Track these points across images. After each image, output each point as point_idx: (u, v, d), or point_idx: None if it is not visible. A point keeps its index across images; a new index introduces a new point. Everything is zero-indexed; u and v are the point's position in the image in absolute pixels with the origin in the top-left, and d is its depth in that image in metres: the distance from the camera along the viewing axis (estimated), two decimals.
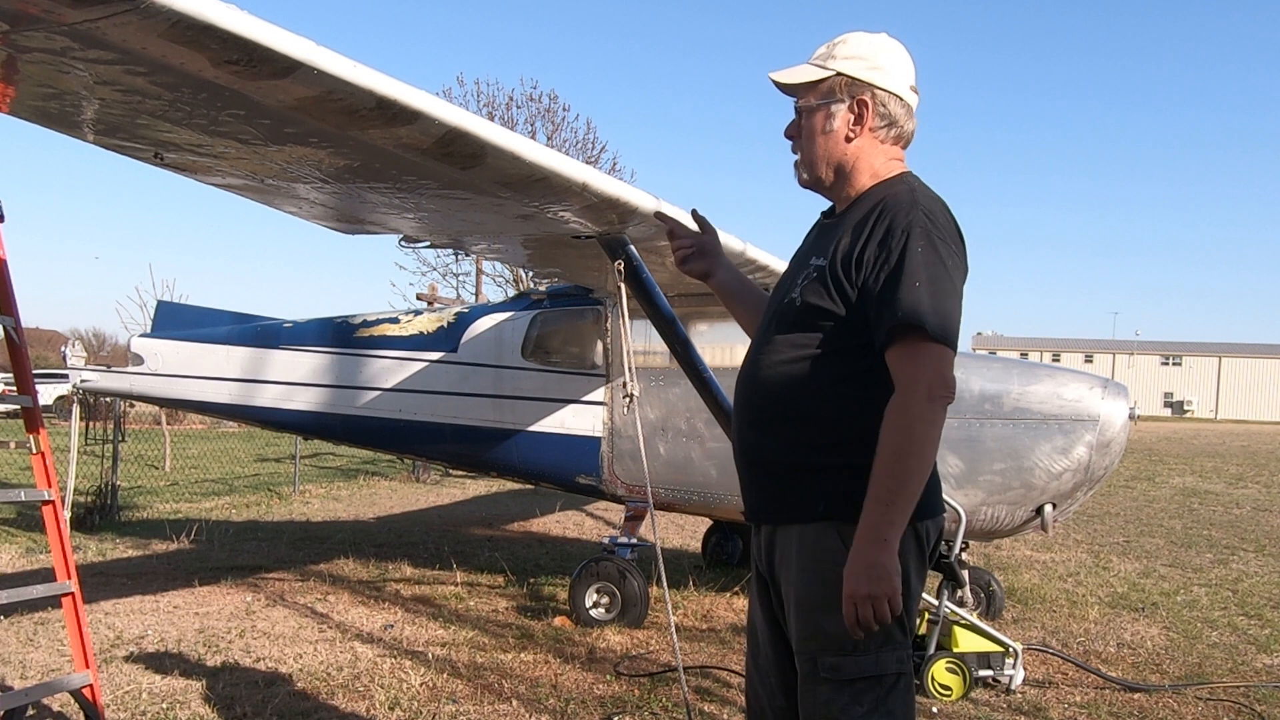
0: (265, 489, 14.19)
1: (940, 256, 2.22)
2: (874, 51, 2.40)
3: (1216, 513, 13.39)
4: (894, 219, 2.26)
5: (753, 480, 2.47)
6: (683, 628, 6.30)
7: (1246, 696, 5.15)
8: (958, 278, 2.26)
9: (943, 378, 2.17)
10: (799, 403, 2.34)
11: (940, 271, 2.21)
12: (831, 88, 2.39)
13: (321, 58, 2.93)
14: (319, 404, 7.85)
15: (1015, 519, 6.28)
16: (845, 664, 2.24)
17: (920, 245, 2.20)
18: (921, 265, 2.19)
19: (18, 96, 3.21)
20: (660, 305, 5.26)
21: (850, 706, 2.24)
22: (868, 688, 2.24)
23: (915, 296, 2.16)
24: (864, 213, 2.34)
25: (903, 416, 2.15)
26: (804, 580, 2.31)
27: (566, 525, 11.29)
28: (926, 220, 2.24)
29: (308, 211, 4.98)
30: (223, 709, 4.62)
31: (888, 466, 2.14)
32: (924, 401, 2.15)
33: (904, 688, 2.29)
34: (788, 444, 2.36)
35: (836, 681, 2.25)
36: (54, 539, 4.12)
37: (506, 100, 22.89)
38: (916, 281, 2.17)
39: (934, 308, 2.16)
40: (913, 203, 2.28)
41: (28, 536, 9.29)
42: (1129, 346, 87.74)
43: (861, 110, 2.39)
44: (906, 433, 2.14)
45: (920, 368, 2.16)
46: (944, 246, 2.24)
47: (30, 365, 4.24)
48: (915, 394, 2.15)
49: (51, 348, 40.31)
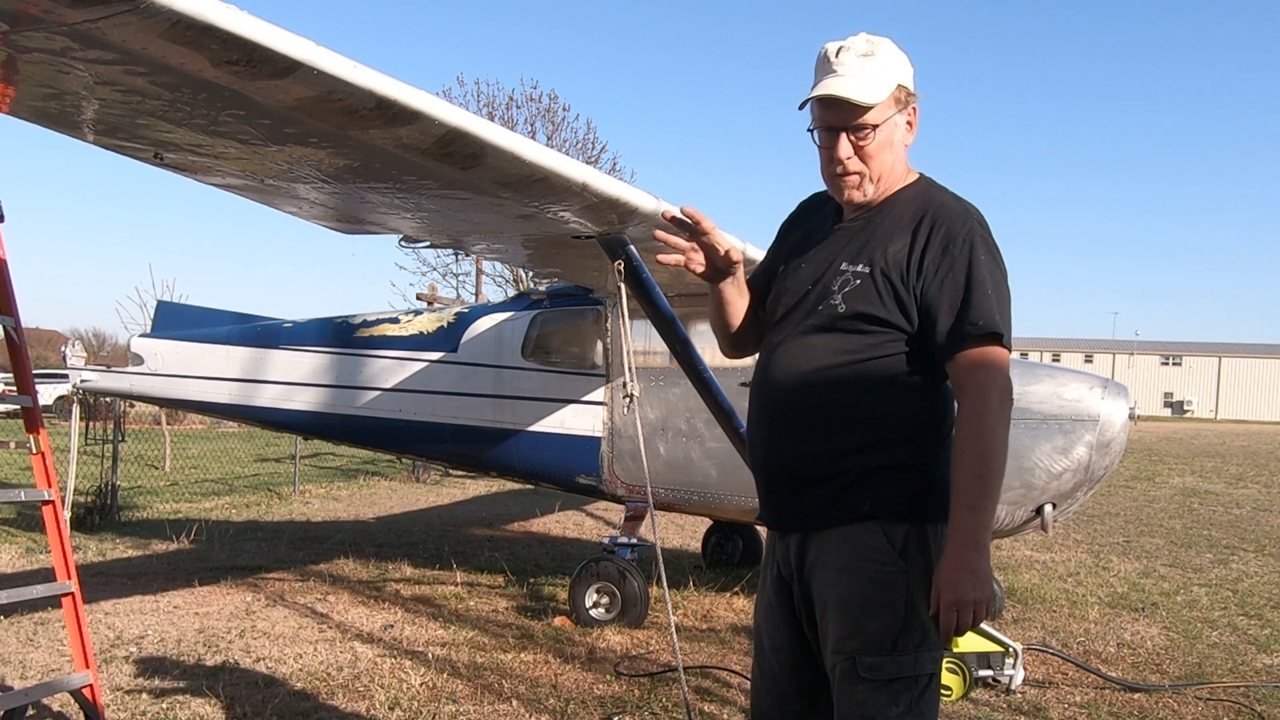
0: (265, 489, 14.19)
1: (999, 265, 2.32)
2: (905, 60, 2.41)
3: (1216, 513, 13.39)
4: (950, 227, 2.30)
5: (785, 488, 2.42)
6: (683, 628, 6.30)
7: (1246, 696, 5.15)
8: (1008, 285, 2.34)
9: (1010, 382, 2.26)
10: (847, 406, 2.33)
11: (1002, 280, 2.30)
12: (897, 100, 2.39)
13: (321, 58, 2.93)
14: (319, 404, 7.85)
15: (1015, 519, 6.28)
16: (885, 664, 2.24)
17: (984, 255, 2.28)
18: (988, 274, 2.27)
19: (18, 96, 3.21)
20: (660, 305, 5.26)
21: (887, 707, 2.24)
22: (905, 688, 2.25)
23: (989, 305, 2.24)
24: (906, 217, 2.35)
25: (982, 422, 2.19)
26: (843, 580, 2.30)
27: (566, 525, 11.29)
28: (982, 229, 2.33)
29: (308, 211, 4.98)
30: (223, 709, 4.62)
31: (973, 472, 2.18)
32: (999, 407, 2.22)
33: (935, 688, 2.32)
34: (838, 448, 2.33)
35: (875, 681, 2.25)
36: (54, 539, 4.12)
37: (506, 100, 22.94)
38: (988, 289, 2.25)
39: (1003, 315, 2.26)
40: (965, 211, 2.35)
41: (28, 536, 9.29)
42: (1129, 346, 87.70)
43: (913, 119, 2.45)
44: (988, 438, 2.19)
45: (994, 374, 2.23)
46: (998, 254, 2.33)
47: (30, 365, 4.24)
48: (990, 399, 2.21)
49: (51, 348, 40.30)
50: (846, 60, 2.34)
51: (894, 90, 2.37)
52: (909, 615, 2.25)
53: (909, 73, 2.41)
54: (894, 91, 2.37)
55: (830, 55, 2.36)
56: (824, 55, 2.38)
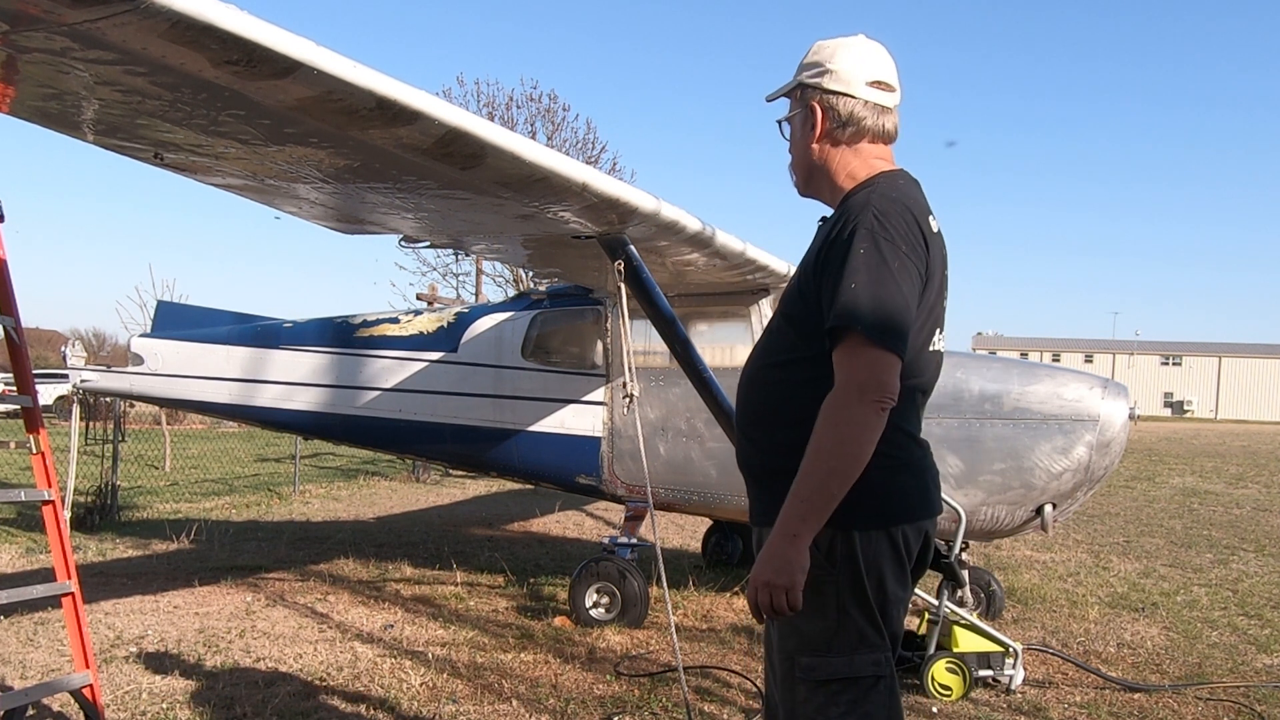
0: (265, 489, 14.19)
1: (884, 257, 2.17)
2: (826, 56, 2.43)
3: (1216, 513, 13.39)
4: (846, 223, 2.27)
5: (746, 482, 2.53)
6: (683, 628, 6.30)
7: (1246, 696, 5.15)
8: (904, 279, 2.19)
9: (877, 380, 2.13)
10: (771, 407, 2.39)
11: (883, 273, 2.16)
12: (794, 98, 2.48)
13: (321, 58, 2.93)
14: (319, 404, 7.85)
15: (1015, 519, 6.28)
16: (819, 665, 2.27)
17: (863, 246, 2.19)
18: (862, 266, 2.17)
19: (18, 96, 3.21)
20: (660, 305, 5.26)
21: (826, 707, 2.26)
22: (843, 689, 2.26)
23: (851, 297, 2.15)
24: (834, 218, 2.38)
25: (830, 415, 2.14)
26: None
27: (566, 525, 11.29)
28: (875, 221, 2.21)
29: (308, 211, 4.98)
30: (223, 709, 4.62)
31: (809, 464, 2.15)
32: (855, 403, 2.12)
33: (884, 690, 2.30)
34: (764, 447, 2.41)
35: (811, 681, 2.28)
36: (54, 539, 4.12)
37: (506, 100, 22.93)
38: (853, 283, 2.16)
39: (872, 309, 2.13)
40: (865, 204, 2.27)
41: (28, 536, 9.29)
42: (1129, 346, 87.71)
43: (810, 116, 2.44)
44: (832, 432, 2.13)
45: (854, 369, 2.15)
46: (889, 246, 2.19)
47: (30, 365, 4.24)
48: (846, 394, 2.14)
49: (51, 348, 40.31)
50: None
51: (793, 88, 2.46)
52: (841, 618, 2.26)
53: (817, 69, 2.42)
54: (793, 90, 2.46)
55: None
56: None
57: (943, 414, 6.09)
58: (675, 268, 6.19)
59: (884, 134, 2.46)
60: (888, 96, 2.45)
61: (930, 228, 2.34)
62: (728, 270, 6.26)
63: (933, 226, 2.36)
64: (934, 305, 2.35)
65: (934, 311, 2.36)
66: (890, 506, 2.29)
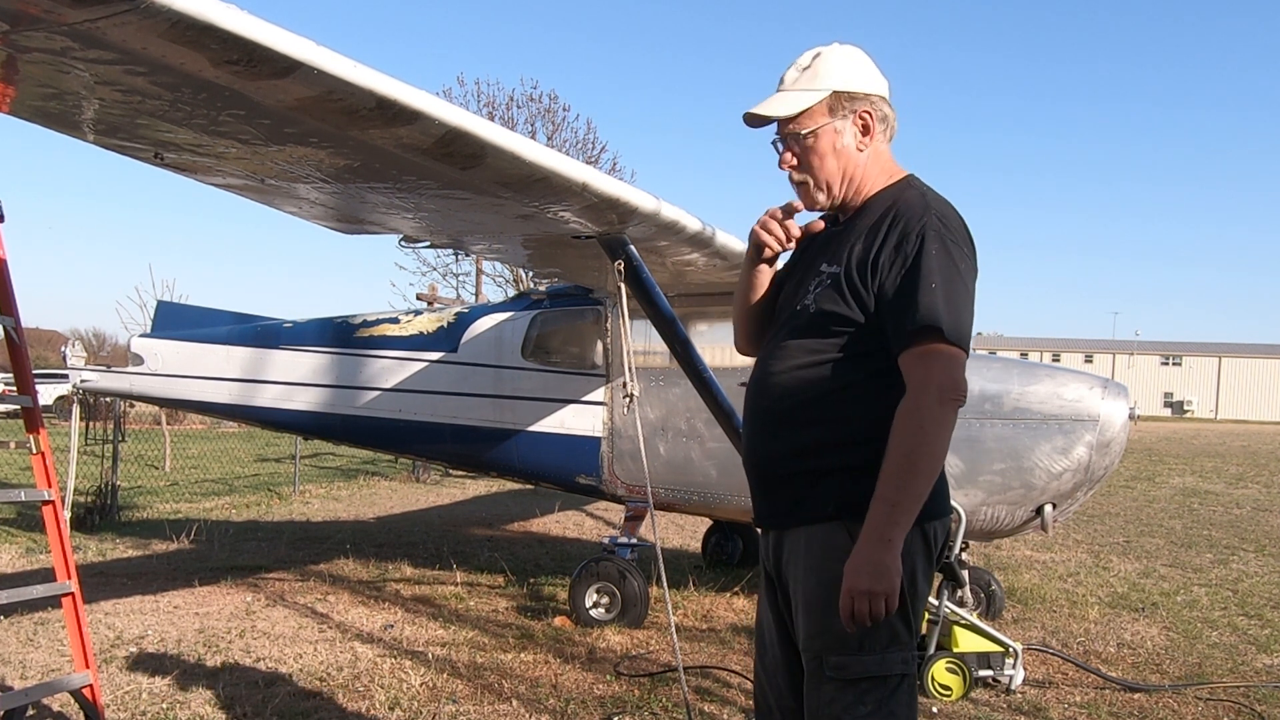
0: (265, 489, 14.19)
1: (954, 260, 2.25)
2: (855, 62, 2.45)
3: (1216, 513, 13.39)
4: (908, 223, 2.29)
5: (763, 485, 2.47)
6: (683, 628, 6.30)
7: (1246, 696, 5.15)
8: (970, 281, 2.29)
9: (954, 381, 2.19)
10: (812, 406, 2.35)
11: (954, 275, 2.24)
12: (830, 107, 2.42)
13: (321, 58, 2.93)
14: (319, 404, 7.85)
15: (1015, 519, 6.28)
16: (851, 663, 2.25)
17: (935, 248, 2.24)
18: (937, 269, 2.22)
19: (18, 96, 3.21)
20: (660, 305, 5.26)
21: (854, 706, 2.25)
22: (872, 688, 2.25)
23: (932, 299, 2.19)
24: (876, 217, 2.37)
25: (914, 418, 2.16)
26: (811, 579, 2.32)
27: (566, 525, 11.29)
28: (940, 224, 2.28)
29: (308, 211, 4.98)
30: (223, 709, 4.62)
31: (897, 467, 2.15)
32: (936, 404, 2.16)
33: (907, 688, 2.31)
34: (800, 447, 2.36)
35: (841, 681, 2.26)
36: (54, 539, 4.11)
37: (506, 100, 22.95)
38: (933, 284, 2.20)
39: (949, 311, 2.20)
40: (925, 207, 2.32)
41: (28, 536, 9.29)
42: (1129, 346, 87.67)
43: (867, 121, 2.44)
44: (918, 434, 2.15)
45: (933, 370, 2.18)
46: (957, 250, 2.27)
47: (30, 365, 4.24)
48: (927, 396, 2.17)
49: (51, 348, 40.32)
50: (789, 76, 2.46)
51: (826, 98, 2.42)
52: None
53: (851, 77, 2.42)
54: (826, 99, 2.42)
55: (784, 74, 2.47)
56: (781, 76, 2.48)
57: None
58: (675, 268, 6.19)
59: (895, 131, 2.52)
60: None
61: None
62: (728, 270, 6.26)
63: None
64: None
65: None
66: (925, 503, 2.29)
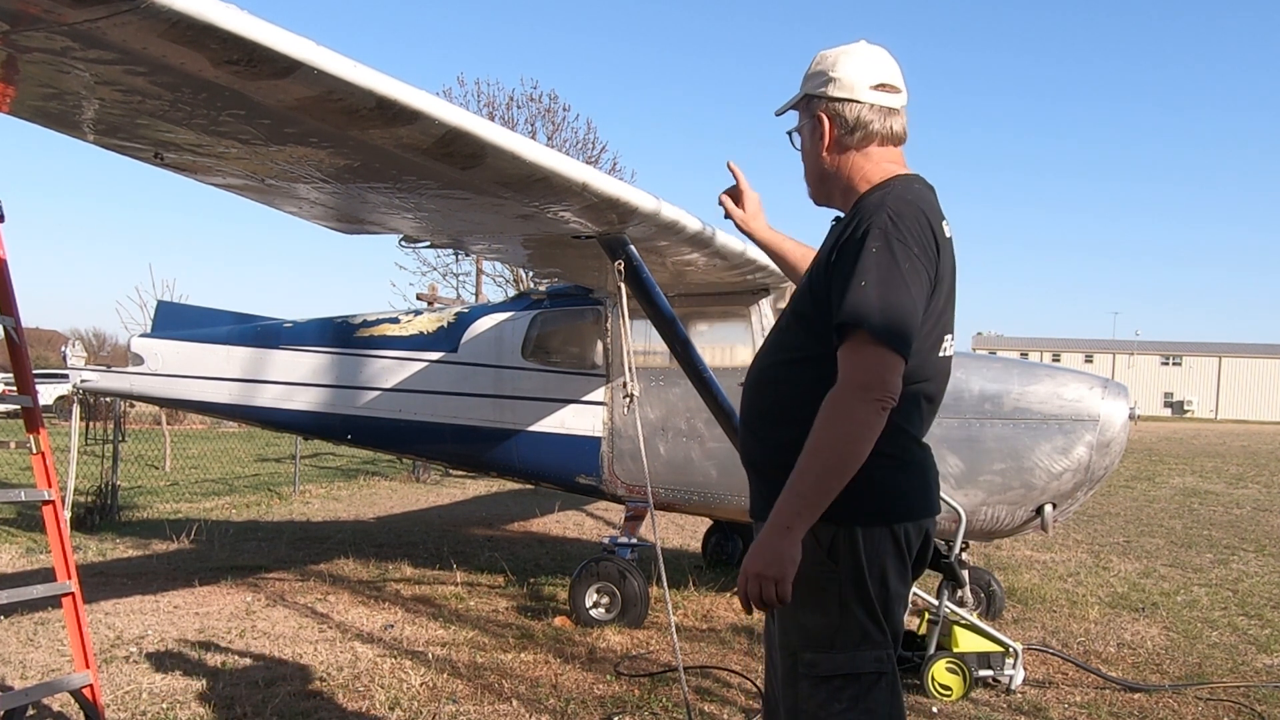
0: (265, 489, 14.19)
1: (895, 257, 2.18)
2: (828, 65, 2.45)
3: (1216, 513, 13.39)
4: (859, 222, 2.29)
5: (749, 477, 2.54)
6: (683, 628, 6.30)
7: (1246, 696, 5.15)
8: (914, 281, 2.20)
9: (880, 378, 2.13)
10: (778, 403, 2.40)
11: (893, 273, 2.17)
12: (801, 109, 2.52)
13: (321, 58, 2.93)
14: (319, 404, 7.85)
15: (1015, 519, 6.28)
16: (822, 660, 2.28)
17: (875, 245, 2.20)
18: (873, 265, 2.18)
19: (18, 96, 3.21)
20: (660, 305, 5.26)
21: (829, 703, 2.27)
22: (845, 685, 2.27)
23: (860, 296, 2.16)
24: (847, 218, 2.40)
25: (831, 411, 2.15)
26: None
27: (566, 525, 11.29)
28: (890, 222, 2.23)
29: (308, 211, 4.98)
30: (223, 709, 4.62)
31: (807, 459, 2.15)
32: (855, 401, 2.13)
33: (885, 687, 2.30)
34: (769, 444, 2.42)
35: (814, 678, 2.29)
36: (54, 539, 4.11)
37: (506, 100, 22.94)
38: (863, 281, 2.17)
39: (880, 308, 2.14)
40: (880, 205, 2.29)
41: (28, 536, 9.29)
42: (1129, 346, 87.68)
43: (817, 125, 2.46)
44: (831, 428, 2.14)
45: (857, 366, 2.16)
46: (902, 248, 2.20)
47: (30, 365, 4.24)
48: (848, 392, 2.14)
49: (51, 348, 40.33)
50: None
51: (799, 100, 2.50)
52: (843, 614, 2.27)
53: (821, 79, 2.45)
54: (800, 101, 2.49)
55: None
56: None
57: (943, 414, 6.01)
58: (675, 268, 6.19)
59: (892, 136, 2.46)
60: (893, 98, 2.45)
61: (943, 233, 2.35)
62: (728, 270, 6.26)
63: (945, 232, 2.37)
64: (943, 310, 2.36)
65: (943, 316, 2.36)
66: (893, 504, 2.30)
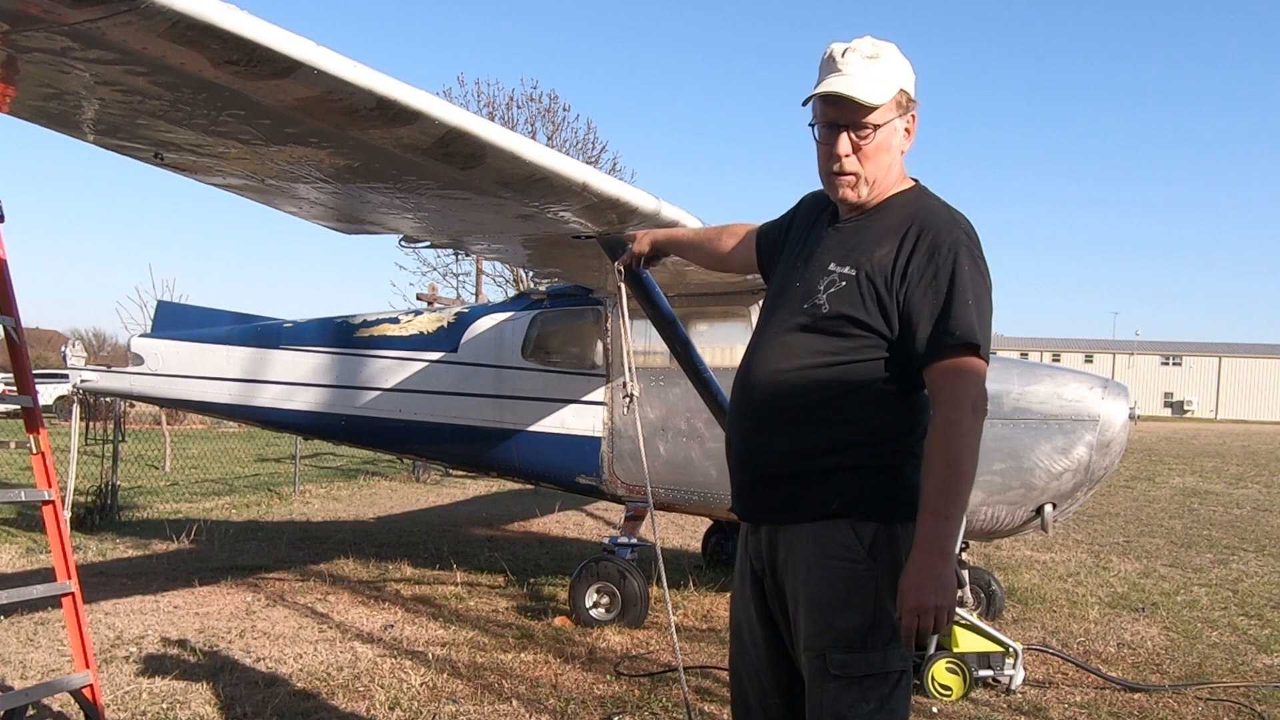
0: (265, 489, 14.19)
1: (983, 276, 2.31)
2: (907, 64, 2.42)
3: (1216, 513, 13.39)
4: (937, 235, 2.30)
5: (757, 480, 2.46)
6: (683, 628, 6.30)
7: (1246, 696, 5.15)
8: (991, 295, 2.34)
9: (984, 393, 2.25)
10: (822, 406, 2.35)
11: (984, 292, 2.30)
12: (899, 104, 2.40)
13: (321, 58, 2.92)
14: (319, 404, 7.85)
15: (1015, 519, 6.28)
16: (855, 661, 2.26)
17: (967, 264, 2.28)
18: (970, 285, 2.27)
19: (18, 96, 3.21)
20: (660, 305, 5.25)
21: (858, 704, 2.26)
22: (875, 685, 2.27)
23: (969, 316, 2.24)
24: (895, 223, 2.36)
25: (953, 431, 2.20)
26: (813, 577, 2.32)
27: (566, 525, 11.29)
28: (968, 240, 2.33)
29: (308, 211, 4.97)
30: (223, 709, 4.62)
31: (942, 480, 2.18)
32: (970, 417, 2.21)
33: (905, 685, 2.33)
34: (806, 446, 2.36)
35: (846, 679, 2.27)
36: (54, 539, 4.11)
37: (506, 100, 22.94)
38: (969, 300, 2.25)
39: (982, 328, 2.25)
40: (953, 220, 2.35)
41: (28, 536, 9.29)
42: (1129, 346, 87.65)
43: (911, 126, 2.46)
44: (958, 446, 2.19)
45: (968, 384, 2.23)
46: (983, 265, 2.33)
47: (30, 365, 4.24)
48: (963, 409, 2.21)
49: (51, 348, 40.32)
50: (852, 61, 2.36)
51: (896, 94, 2.38)
52: (878, 613, 2.27)
53: (911, 79, 2.42)
54: (896, 95, 2.38)
55: (836, 55, 2.38)
56: (829, 55, 2.39)
57: None
58: (675, 268, 6.18)
59: None
60: None
61: None
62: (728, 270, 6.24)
63: None
64: None
65: None
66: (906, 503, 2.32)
